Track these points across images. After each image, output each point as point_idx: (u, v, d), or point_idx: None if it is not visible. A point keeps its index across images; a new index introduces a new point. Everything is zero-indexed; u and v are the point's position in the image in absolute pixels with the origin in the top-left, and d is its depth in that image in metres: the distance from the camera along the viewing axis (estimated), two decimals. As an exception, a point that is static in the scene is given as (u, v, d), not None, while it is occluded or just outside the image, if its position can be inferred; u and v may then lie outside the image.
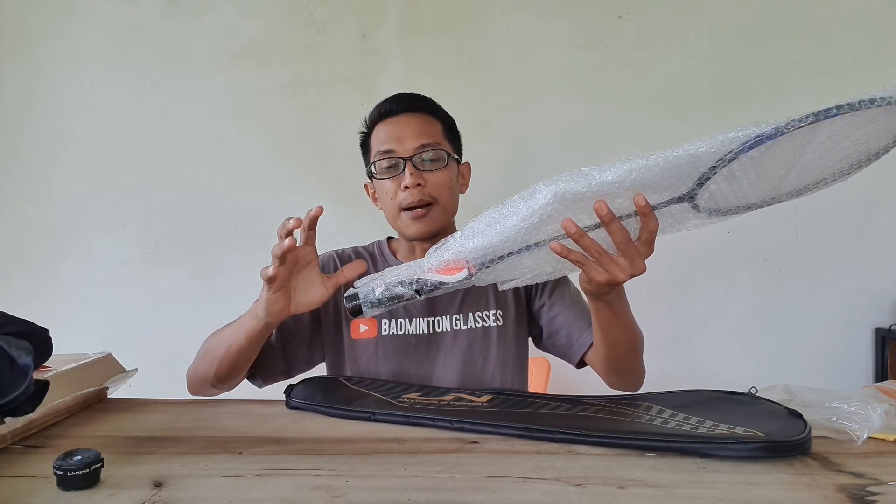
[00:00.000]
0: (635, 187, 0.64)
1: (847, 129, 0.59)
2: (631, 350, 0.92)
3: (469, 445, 0.68)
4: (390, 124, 1.02)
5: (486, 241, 0.69)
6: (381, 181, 1.01)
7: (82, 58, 2.08)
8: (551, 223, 0.67)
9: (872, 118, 0.58)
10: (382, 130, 1.02)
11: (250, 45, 2.06)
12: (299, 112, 2.06)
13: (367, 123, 1.07)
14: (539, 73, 2.03)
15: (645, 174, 0.63)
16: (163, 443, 0.71)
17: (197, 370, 0.94)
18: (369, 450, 0.67)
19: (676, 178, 0.64)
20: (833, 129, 0.58)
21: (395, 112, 1.03)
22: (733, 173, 0.62)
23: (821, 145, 0.60)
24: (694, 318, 2.03)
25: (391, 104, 1.03)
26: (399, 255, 1.10)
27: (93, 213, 2.09)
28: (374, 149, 1.02)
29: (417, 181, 0.97)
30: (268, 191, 2.06)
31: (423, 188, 0.98)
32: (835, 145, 0.60)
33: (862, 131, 0.59)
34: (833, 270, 2.00)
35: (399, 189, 0.98)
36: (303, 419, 0.80)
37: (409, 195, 0.97)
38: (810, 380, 0.92)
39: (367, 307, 0.73)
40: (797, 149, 0.60)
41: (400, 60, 2.05)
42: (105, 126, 2.08)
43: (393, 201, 1.00)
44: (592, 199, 0.65)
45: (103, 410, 0.87)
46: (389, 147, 0.99)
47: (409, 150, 0.98)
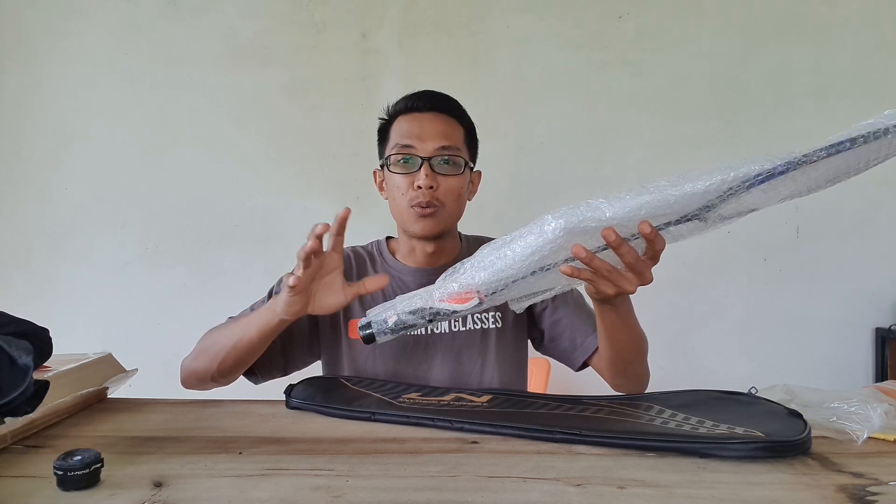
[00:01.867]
0: (644, 219, 0.66)
1: (856, 154, 0.59)
2: (636, 352, 0.92)
3: (469, 445, 0.68)
4: (414, 120, 1.01)
5: (496, 271, 0.71)
6: (392, 174, 1.00)
7: (82, 58, 2.08)
8: (560, 252, 0.69)
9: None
10: (405, 124, 1.01)
11: (250, 45, 2.06)
12: (299, 112, 2.06)
13: (389, 111, 1.06)
14: (539, 73, 2.03)
15: (655, 209, 0.65)
16: (163, 443, 0.71)
17: (195, 364, 0.94)
18: (369, 450, 0.67)
19: (685, 208, 0.65)
20: (843, 156, 0.59)
21: (421, 109, 1.02)
22: (741, 199, 0.64)
23: (828, 168, 0.61)
24: (694, 318, 2.03)
25: (419, 100, 1.02)
26: (398, 256, 1.10)
27: (93, 213, 2.09)
28: (393, 140, 1.01)
29: (431, 183, 0.97)
30: (268, 191, 2.06)
31: (434, 191, 0.98)
32: (842, 163, 0.61)
33: (868, 150, 0.60)
34: (833, 270, 2.00)
35: (411, 186, 0.98)
36: (303, 419, 0.80)
37: (420, 195, 0.97)
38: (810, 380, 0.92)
39: (380, 336, 0.76)
40: (805, 173, 0.61)
41: (400, 60, 2.05)
42: (105, 126, 2.08)
43: (403, 196, 0.99)
44: (601, 229, 0.67)
45: (103, 410, 0.87)
46: (409, 143, 0.98)
47: (428, 149, 0.98)
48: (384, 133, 1.05)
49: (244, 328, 0.89)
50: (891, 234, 1.99)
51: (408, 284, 1.06)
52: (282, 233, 2.05)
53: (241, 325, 0.90)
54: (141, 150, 2.08)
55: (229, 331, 0.92)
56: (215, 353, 0.91)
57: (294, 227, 2.04)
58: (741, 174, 0.61)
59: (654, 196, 0.64)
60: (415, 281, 1.06)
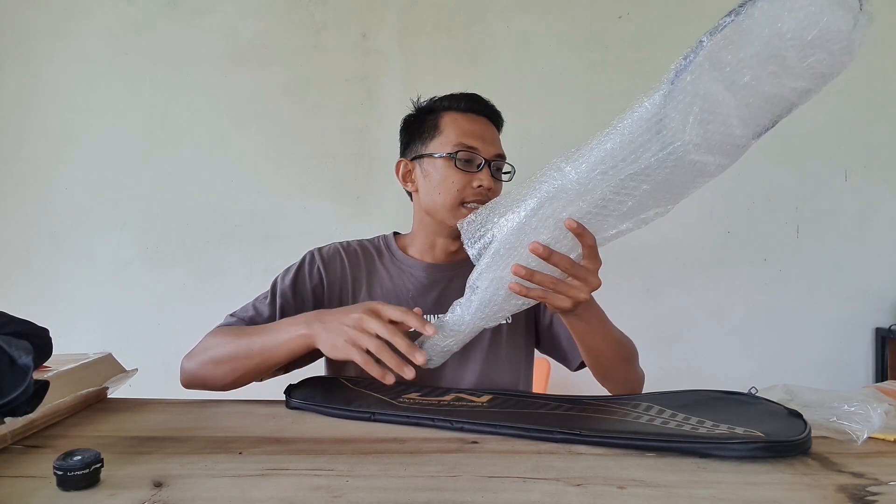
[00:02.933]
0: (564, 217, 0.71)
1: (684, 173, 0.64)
2: (616, 359, 0.93)
3: (469, 445, 0.68)
4: (475, 122, 1.04)
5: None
6: (451, 170, 1.01)
7: (82, 58, 2.08)
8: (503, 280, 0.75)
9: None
10: (465, 124, 1.03)
11: (250, 45, 2.06)
12: (299, 112, 2.06)
13: (433, 104, 1.07)
14: (539, 74, 2.03)
15: (561, 198, 0.70)
16: (163, 443, 0.71)
17: (204, 371, 0.92)
18: (369, 450, 0.67)
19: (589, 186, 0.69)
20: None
21: (479, 112, 1.05)
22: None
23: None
24: (694, 318, 2.03)
25: (475, 103, 1.05)
26: (410, 251, 1.10)
27: (93, 213, 2.09)
28: (454, 136, 1.02)
29: (492, 185, 1.01)
30: (268, 191, 2.06)
31: (490, 192, 1.01)
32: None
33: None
34: (833, 270, 2.00)
35: (469, 184, 1.01)
36: (303, 419, 0.80)
37: (479, 194, 1.00)
38: (810, 380, 0.92)
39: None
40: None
41: (400, 60, 2.05)
42: (105, 126, 2.08)
43: (459, 192, 1.01)
44: (523, 241, 0.72)
45: (103, 410, 0.87)
46: (475, 144, 1.01)
47: (490, 154, 1.02)
48: (430, 126, 1.05)
49: (271, 350, 0.86)
50: (891, 234, 1.99)
51: (419, 280, 1.07)
52: (282, 233, 2.05)
53: (261, 344, 0.87)
54: (141, 149, 2.08)
55: (246, 346, 0.89)
56: (233, 368, 0.89)
57: (294, 227, 2.06)
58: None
59: (551, 185, 0.67)
60: (427, 277, 1.07)
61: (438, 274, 1.07)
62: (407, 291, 1.06)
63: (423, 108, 1.08)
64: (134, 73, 2.07)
